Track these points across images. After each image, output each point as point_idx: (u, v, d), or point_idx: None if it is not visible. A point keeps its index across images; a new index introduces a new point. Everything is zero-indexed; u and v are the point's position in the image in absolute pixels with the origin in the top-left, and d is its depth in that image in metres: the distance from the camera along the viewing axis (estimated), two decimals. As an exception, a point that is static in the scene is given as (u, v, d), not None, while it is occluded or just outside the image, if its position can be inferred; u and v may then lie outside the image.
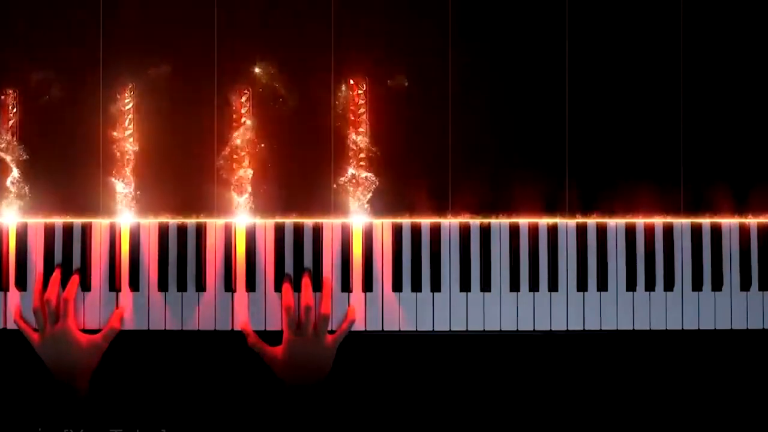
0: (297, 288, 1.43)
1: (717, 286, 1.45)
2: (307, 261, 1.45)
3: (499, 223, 1.45)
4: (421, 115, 1.45)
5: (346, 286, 1.45)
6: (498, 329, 1.45)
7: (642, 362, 1.51)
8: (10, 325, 1.44)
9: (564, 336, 1.45)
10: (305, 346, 1.39)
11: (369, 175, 1.45)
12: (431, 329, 1.45)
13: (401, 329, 1.45)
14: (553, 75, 1.45)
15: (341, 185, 1.44)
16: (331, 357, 1.41)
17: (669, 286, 1.45)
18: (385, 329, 1.43)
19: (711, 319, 1.45)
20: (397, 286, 1.45)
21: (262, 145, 1.44)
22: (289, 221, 1.45)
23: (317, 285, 1.44)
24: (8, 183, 1.43)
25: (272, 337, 1.43)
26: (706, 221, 1.45)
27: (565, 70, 1.44)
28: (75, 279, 1.42)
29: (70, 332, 1.38)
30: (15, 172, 1.43)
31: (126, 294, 1.44)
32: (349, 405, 1.45)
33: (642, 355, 1.51)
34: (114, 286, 1.43)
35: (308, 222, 1.45)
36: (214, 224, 1.44)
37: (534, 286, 1.45)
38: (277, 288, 1.44)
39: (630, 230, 1.45)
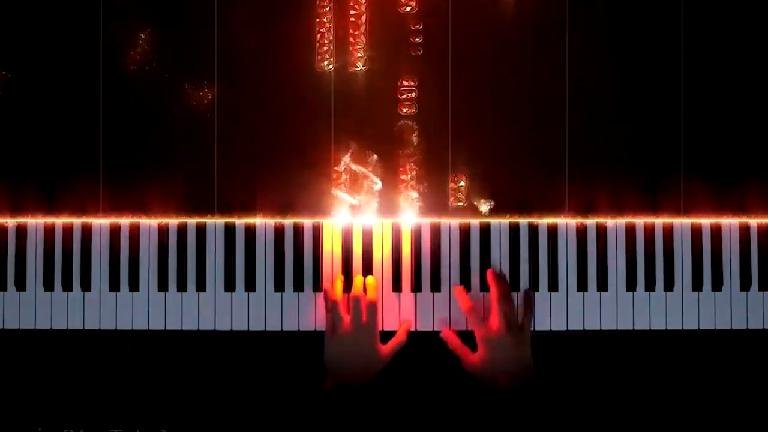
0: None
1: (717, 286, 1.45)
2: (307, 261, 1.45)
3: (499, 223, 1.45)
4: (420, 115, 1.45)
5: (347, 287, 1.44)
6: (498, 329, 1.45)
7: (642, 362, 1.51)
8: (10, 325, 1.44)
9: (564, 336, 1.45)
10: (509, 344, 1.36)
11: (369, 175, 1.45)
12: (431, 329, 1.45)
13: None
14: (552, 74, 1.45)
15: (341, 185, 1.45)
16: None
17: (669, 286, 1.45)
18: (385, 329, 1.43)
19: (711, 319, 1.45)
20: (396, 286, 1.45)
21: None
22: (288, 221, 1.45)
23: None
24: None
25: (271, 337, 1.43)
26: (705, 221, 1.45)
27: (565, 69, 1.44)
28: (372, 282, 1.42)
29: (376, 334, 1.38)
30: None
31: (125, 294, 1.44)
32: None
33: (642, 355, 1.51)
34: (116, 285, 1.44)
35: (308, 222, 1.45)
36: (214, 224, 1.44)
37: (534, 286, 1.45)
38: (277, 288, 1.44)
39: (630, 230, 1.45)
